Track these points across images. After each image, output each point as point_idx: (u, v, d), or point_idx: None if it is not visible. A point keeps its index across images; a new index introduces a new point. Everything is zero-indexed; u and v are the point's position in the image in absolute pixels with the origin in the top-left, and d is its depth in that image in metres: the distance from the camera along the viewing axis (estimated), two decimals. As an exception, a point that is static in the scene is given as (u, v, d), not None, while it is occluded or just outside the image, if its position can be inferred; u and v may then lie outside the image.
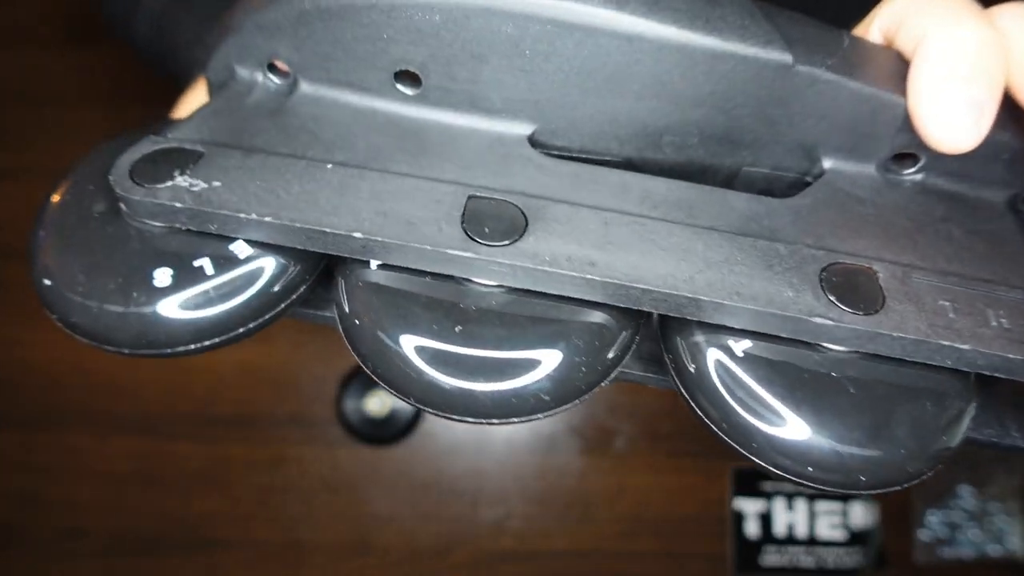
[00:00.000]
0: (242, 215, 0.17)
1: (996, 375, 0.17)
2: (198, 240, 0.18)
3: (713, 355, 0.17)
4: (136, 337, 0.17)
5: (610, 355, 0.18)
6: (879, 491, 0.17)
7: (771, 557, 0.65)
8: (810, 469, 0.17)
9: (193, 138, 0.18)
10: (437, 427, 0.66)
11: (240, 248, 0.18)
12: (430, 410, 0.18)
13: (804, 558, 0.65)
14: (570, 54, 0.18)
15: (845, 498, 0.65)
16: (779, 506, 0.66)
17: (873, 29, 0.21)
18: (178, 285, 0.17)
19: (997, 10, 0.19)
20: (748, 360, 0.17)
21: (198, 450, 0.65)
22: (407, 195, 0.17)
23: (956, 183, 0.20)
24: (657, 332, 0.19)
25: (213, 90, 0.21)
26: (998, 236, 0.19)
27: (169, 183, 0.17)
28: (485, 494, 0.65)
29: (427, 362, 0.18)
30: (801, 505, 0.65)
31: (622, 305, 0.17)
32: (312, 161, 0.18)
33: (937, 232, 0.19)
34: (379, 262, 0.18)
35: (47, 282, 0.19)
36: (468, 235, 0.17)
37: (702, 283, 0.17)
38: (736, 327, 0.17)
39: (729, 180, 0.20)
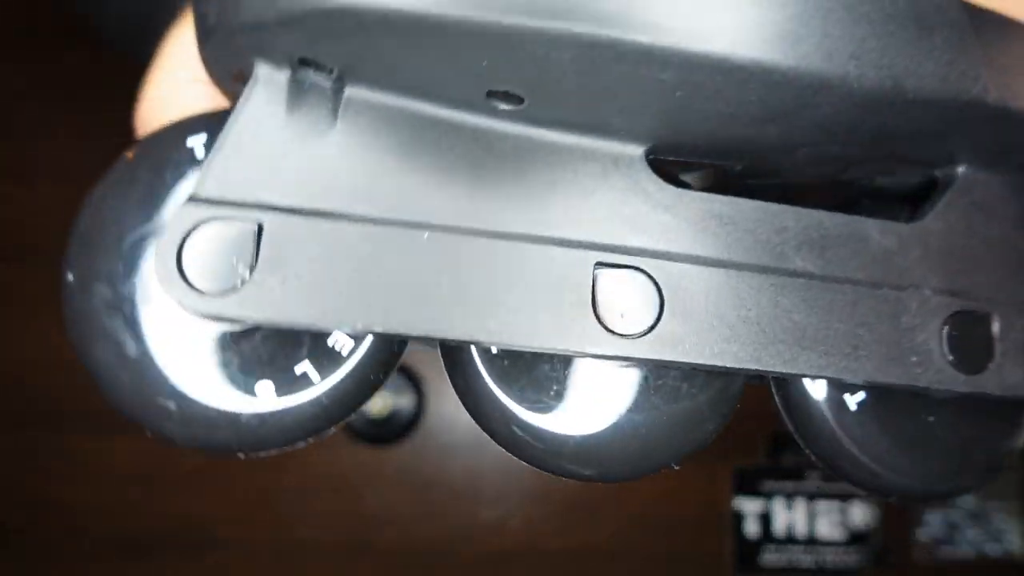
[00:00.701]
0: (335, 327, 0.14)
1: None
2: (291, 336, 0.15)
3: (828, 407, 0.17)
4: (250, 444, 0.16)
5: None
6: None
7: (771, 557, 0.65)
8: (902, 494, 0.17)
9: (242, 198, 0.13)
10: (438, 427, 0.66)
11: (340, 341, 0.15)
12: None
13: (804, 558, 0.65)
14: (734, 98, 0.14)
15: (845, 498, 0.65)
16: (779, 506, 0.66)
17: None
18: (284, 395, 0.15)
19: None
20: (862, 410, 0.17)
21: (198, 450, 0.65)
22: (526, 273, 0.14)
23: None
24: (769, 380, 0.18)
25: (226, 86, 0.15)
26: None
27: (234, 287, 0.13)
28: (485, 494, 0.65)
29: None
30: (801, 505, 0.65)
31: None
32: (400, 226, 0.14)
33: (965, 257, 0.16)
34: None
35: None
36: (602, 325, 0.14)
37: (859, 367, 0.15)
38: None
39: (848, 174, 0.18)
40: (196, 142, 0.14)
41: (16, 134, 0.68)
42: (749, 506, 0.66)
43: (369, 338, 0.15)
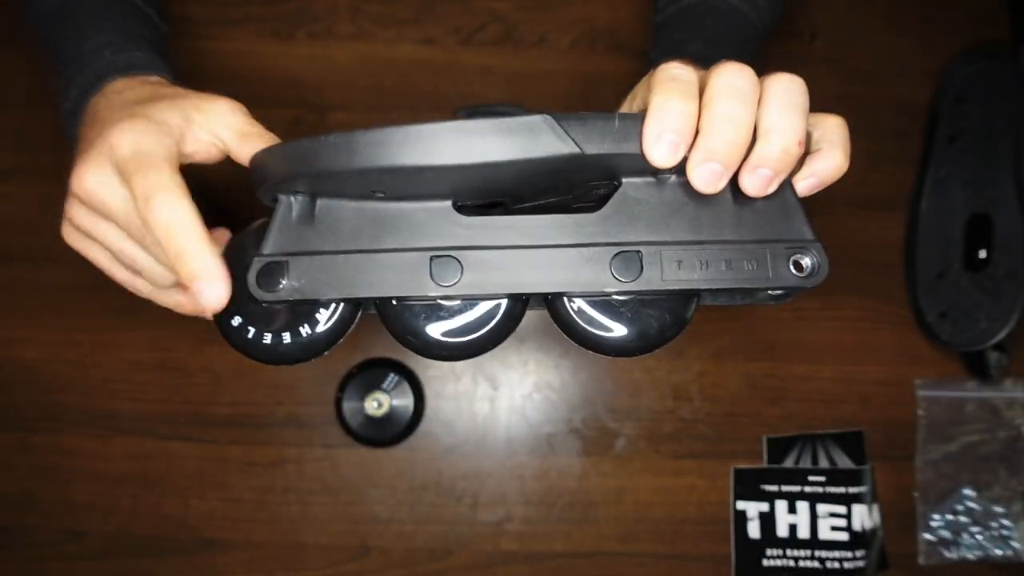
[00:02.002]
0: (323, 297, 0.34)
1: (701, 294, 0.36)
2: (300, 308, 0.37)
3: (571, 306, 0.36)
4: (284, 356, 0.38)
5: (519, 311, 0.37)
6: (642, 350, 0.36)
7: (773, 559, 0.65)
8: (621, 348, 0.36)
9: (277, 252, 0.34)
10: (437, 428, 0.66)
11: (323, 311, 0.37)
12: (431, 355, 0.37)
13: (806, 560, 0.65)
14: (479, 175, 0.32)
15: (847, 500, 0.65)
16: (781, 508, 0.65)
17: (637, 103, 0.39)
18: (307, 333, 0.38)
19: (701, 77, 0.34)
20: (586, 306, 0.36)
21: (196, 451, 0.65)
22: (399, 264, 0.34)
23: None
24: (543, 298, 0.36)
25: (269, 203, 0.36)
26: (719, 208, 0.34)
27: (281, 287, 0.34)
28: (485, 496, 0.65)
29: (435, 327, 0.36)
30: (803, 507, 0.65)
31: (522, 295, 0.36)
32: (343, 253, 0.34)
33: (681, 214, 0.34)
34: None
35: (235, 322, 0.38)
36: (435, 282, 0.33)
37: (561, 281, 0.33)
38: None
39: (572, 193, 0.35)
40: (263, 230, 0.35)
41: (15, 134, 0.68)
42: (751, 508, 0.65)
43: (336, 306, 0.37)
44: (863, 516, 0.65)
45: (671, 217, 0.34)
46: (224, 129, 0.40)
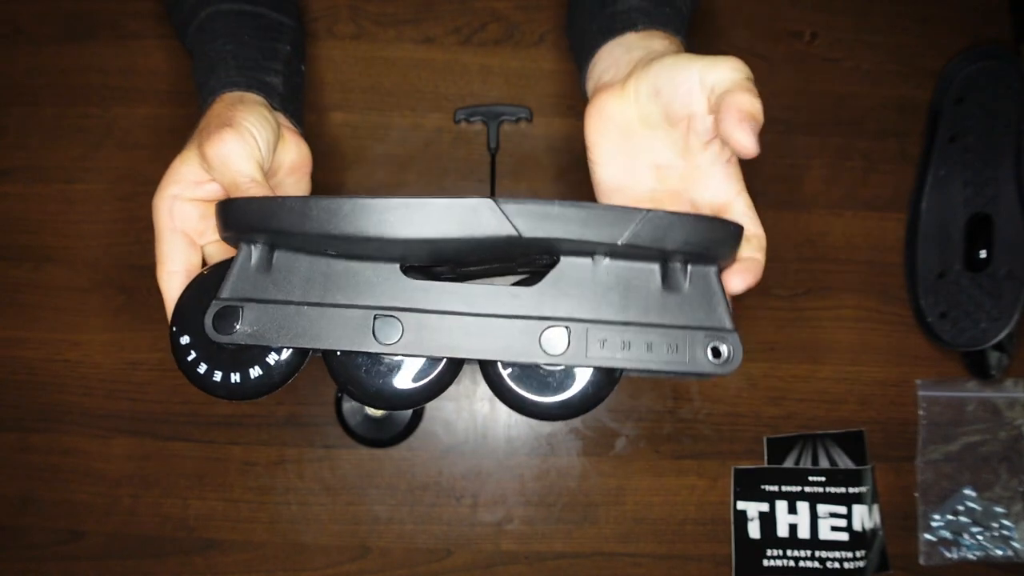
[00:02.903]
0: (273, 344, 0.38)
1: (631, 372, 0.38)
2: (253, 351, 0.39)
3: (503, 371, 0.39)
4: (234, 393, 0.40)
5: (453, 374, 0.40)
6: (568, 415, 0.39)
7: (773, 559, 0.65)
8: (545, 413, 0.39)
9: (233, 297, 0.37)
10: (437, 429, 0.66)
11: (275, 354, 0.40)
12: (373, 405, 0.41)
13: (806, 560, 0.65)
14: (425, 247, 0.36)
15: (848, 500, 0.65)
16: (781, 508, 0.65)
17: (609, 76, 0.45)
18: (256, 374, 0.40)
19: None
20: (516, 372, 0.39)
21: (196, 451, 0.65)
22: (345, 320, 0.37)
23: (631, 261, 0.37)
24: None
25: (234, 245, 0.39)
26: (647, 292, 0.37)
27: (235, 330, 0.37)
28: (485, 496, 0.65)
29: (375, 379, 0.40)
30: (803, 507, 0.65)
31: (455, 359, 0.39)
32: (295, 304, 0.37)
33: (612, 295, 0.37)
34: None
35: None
36: (377, 340, 0.36)
37: (493, 349, 0.36)
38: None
39: (516, 261, 0.39)
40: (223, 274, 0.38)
41: (15, 134, 0.68)
42: (751, 508, 0.65)
43: (286, 350, 0.40)
44: (863, 516, 0.65)
45: (602, 297, 0.36)
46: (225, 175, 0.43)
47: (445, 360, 0.39)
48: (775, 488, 0.65)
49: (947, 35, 0.70)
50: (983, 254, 0.65)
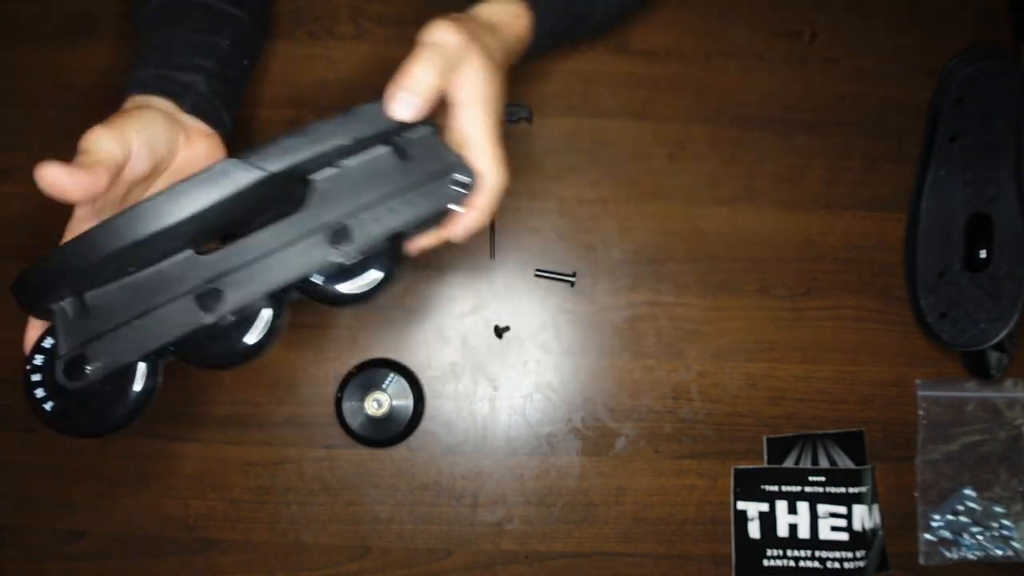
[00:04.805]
0: (128, 359, 0.42)
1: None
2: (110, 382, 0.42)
3: (317, 280, 0.43)
4: (111, 424, 0.44)
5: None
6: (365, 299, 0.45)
7: (773, 559, 0.65)
8: (369, 295, 0.44)
9: (71, 350, 0.41)
10: (436, 429, 0.66)
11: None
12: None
13: (806, 560, 0.65)
14: (201, 223, 0.40)
15: (848, 500, 0.65)
16: (781, 508, 0.65)
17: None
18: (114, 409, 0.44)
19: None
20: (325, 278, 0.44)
21: (196, 452, 0.65)
22: (173, 312, 0.41)
23: (366, 153, 0.44)
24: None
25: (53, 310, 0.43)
26: (389, 169, 0.44)
27: (88, 372, 0.41)
28: (485, 496, 0.65)
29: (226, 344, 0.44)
30: (803, 507, 0.65)
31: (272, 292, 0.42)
32: (126, 324, 0.41)
33: (364, 184, 0.43)
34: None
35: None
36: (207, 312, 0.41)
37: (299, 269, 0.42)
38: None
39: (290, 206, 0.43)
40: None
41: (14, 134, 0.68)
42: (751, 508, 0.65)
43: (141, 369, 0.44)
44: (863, 516, 0.65)
45: (358, 189, 0.43)
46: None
47: (270, 301, 0.43)
48: (775, 488, 0.65)
49: (947, 35, 0.70)
50: (983, 254, 0.65)
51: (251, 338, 0.44)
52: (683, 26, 0.70)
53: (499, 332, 0.66)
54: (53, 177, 0.40)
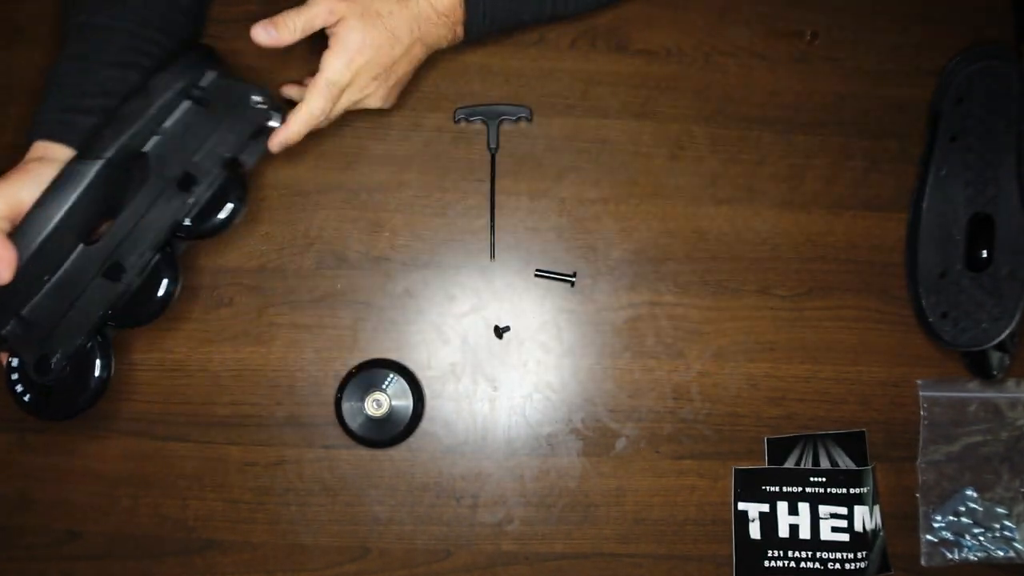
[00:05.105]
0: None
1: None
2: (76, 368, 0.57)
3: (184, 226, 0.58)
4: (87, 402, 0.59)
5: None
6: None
7: (774, 560, 0.65)
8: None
9: (33, 353, 0.55)
10: (436, 429, 0.66)
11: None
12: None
13: (807, 561, 0.64)
14: (74, 221, 0.52)
15: (849, 501, 0.65)
16: (782, 508, 0.65)
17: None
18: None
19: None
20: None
21: (195, 452, 0.64)
22: (92, 299, 0.54)
23: (175, 115, 0.54)
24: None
25: None
26: (201, 116, 0.54)
27: (52, 367, 0.55)
28: (485, 496, 0.65)
29: None
30: (804, 508, 0.65)
31: None
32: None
33: (190, 134, 0.54)
34: None
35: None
36: (112, 282, 0.55)
37: (168, 223, 0.56)
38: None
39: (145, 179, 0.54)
40: None
41: (14, 134, 0.68)
42: (752, 509, 0.65)
43: (99, 368, 0.58)
44: (864, 517, 0.65)
45: (182, 142, 0.53)
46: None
47: (162, 254, 0.57)
48: (776, 489, 0.65)
49: (947, 35, 0.70)
50: (984, 254, 0.64)
51: (160, 290, 0.57)
52: (683, 26, 0.70)
53: (499, 332, 0.66)
54: None
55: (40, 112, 0.55)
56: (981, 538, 0.65)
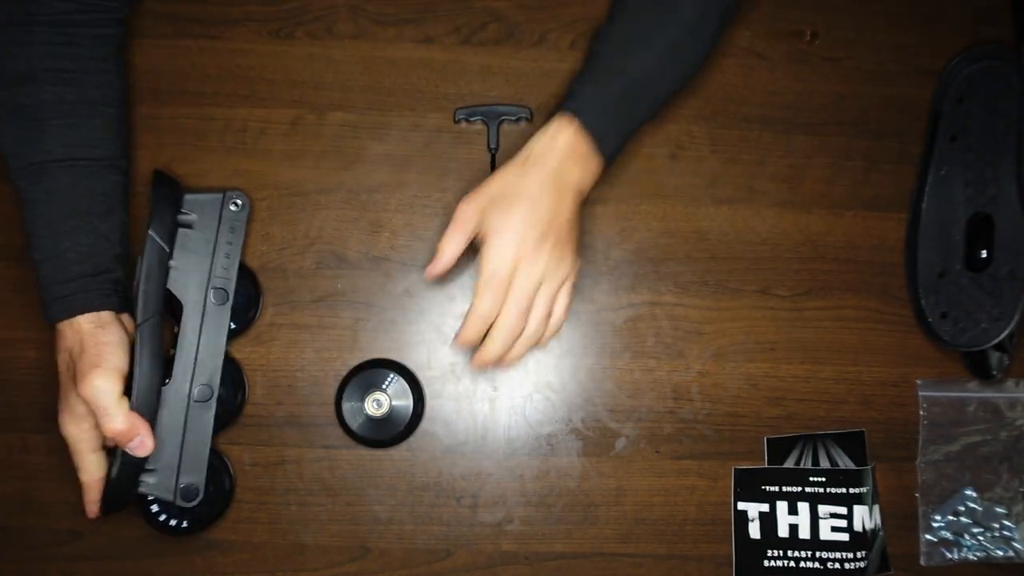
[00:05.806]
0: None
1: None
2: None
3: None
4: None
5: None
6: None
7: (773, 560, 0.65)
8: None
9: (169, 500, 0.60)
10: (437, 429, 0.66)
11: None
12: None
13: (807, 561, 0.65)
14: None
15: (848, 501, 0.65)
16: (781, 508, 0.65)
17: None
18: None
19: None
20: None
21: None
22: (196, 427, 0.61)
23: (178, 248, 0.61)
24: None
25: None
26: (194, 239, 0.62)
27: (198, 493, 0.60)
28: (485, 496, 0.65)
29: None
30: (804, 507, 0.65)
31: None
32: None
33: (194, 260, 0.61)
34: None
35: None
36: (202, 402, 0.61)
37: (220, 345, 0.62)
38: None
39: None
40: None
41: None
42: (751, 508, 0.65)
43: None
44: (864, 517, 0.65)
45: (194, 267, 0.61)
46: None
47: (225, 362, 0.62)
48: (776, 488, 0.65)
49: (947, 35, 0.70)
50: (984, 254, 0.65)
51: (239, 396, 0.64)
52: (683, 26, 0.70)
53: (499, 332, 0.66)
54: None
55: (65, 294, 0.56)
56: (980, 538, 0.66)
